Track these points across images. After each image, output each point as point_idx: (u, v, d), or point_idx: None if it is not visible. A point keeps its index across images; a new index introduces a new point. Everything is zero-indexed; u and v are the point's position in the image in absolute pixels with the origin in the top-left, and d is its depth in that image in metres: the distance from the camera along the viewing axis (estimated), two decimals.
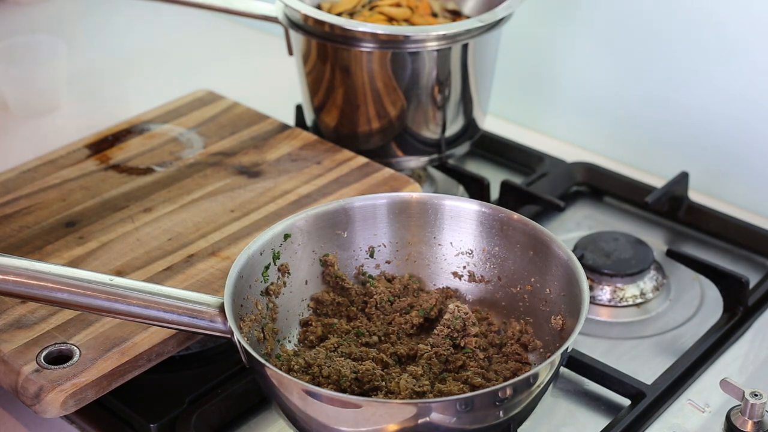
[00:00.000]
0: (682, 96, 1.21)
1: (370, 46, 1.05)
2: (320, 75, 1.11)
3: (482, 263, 0.91)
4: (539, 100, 1.35)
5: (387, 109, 1.10)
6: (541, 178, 1.19)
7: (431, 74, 1.08)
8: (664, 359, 0.96)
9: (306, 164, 1.09)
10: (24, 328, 0.86)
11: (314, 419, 0.75)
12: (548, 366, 0.75)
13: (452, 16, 1.16)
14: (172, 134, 1.15)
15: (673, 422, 0.88)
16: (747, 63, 1.15)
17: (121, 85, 1.45)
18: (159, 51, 1.55)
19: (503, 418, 0.75)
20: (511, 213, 0.89)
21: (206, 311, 0.78)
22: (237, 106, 1.21)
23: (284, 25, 1.12)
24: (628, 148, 1.27)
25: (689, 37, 1.18)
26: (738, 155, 1.19)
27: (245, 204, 1.03)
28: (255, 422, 0.89)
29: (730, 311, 1.00)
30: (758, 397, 0.83)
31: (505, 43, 1.15)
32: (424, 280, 0.92)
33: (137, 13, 1.62)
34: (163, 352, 0.85)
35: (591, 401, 0.92)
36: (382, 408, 0.72)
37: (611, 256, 1.05)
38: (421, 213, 0.92)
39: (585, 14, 1.26)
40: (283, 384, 0.74)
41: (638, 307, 1.03)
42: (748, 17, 1.13)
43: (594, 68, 1.28)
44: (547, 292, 0.86)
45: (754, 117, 1.17)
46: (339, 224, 0.91)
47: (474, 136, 1.18)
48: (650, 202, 1.11)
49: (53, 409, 0.80)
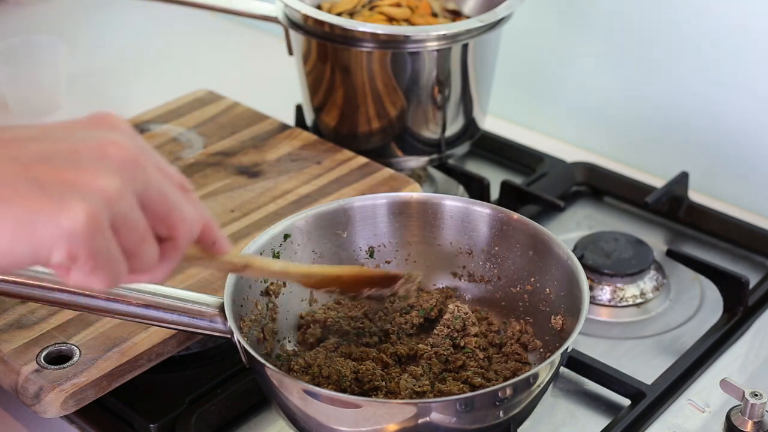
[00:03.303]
0: (682, 96, 1.21)
1: (370, 46, 1.05)
2: (320, 75, 1.11)
3: (482, 263, 0.91)
4: (539, 100, 1.35)
5: (387, 109, 1.10)
6: (541, 178, 1.19)
7: (431, 74, 1.08)
8: (664, 359, 0.96)
9: (306, 164, 1.09)
10: (24, 328, 0.86)
11: (314, 419, 0.75)
12: (548, 366, 0.75)
13: (452, 16, 1.16)
14: (172, 134, 1.15)
15: (673, 422, 0.88)
16: (747, 63, 1.15)
17: (121, 85, 1.45)
18: (159, 51, 1.55)
19: (503, 418, 0.75)
20: (511, 213, 0.89)
21: (206, 311, 0.78)
22: (237, 106, 1.21)
23: (284, 25, 1.12)
24: (628, 148, 1.27)
25: (689, 36, 1.18)
26: (738, 155, 1.19)
27: (245, 204, 1.03)
28: (255, 422, 0.89)
29: (730, 311, 1.00)
30: (758, 397, 0.83)
31: (505, 43, 1.15)
32: (423, 280, 0.92)
33: (137, 13, 1.62)
34: (163, 352, 0.85)
35: (591, 401, 0.92)
36: (382, 408, 0.72)
37: (611, 256, 1.05)
38: (421, 213, 0.92)
39: (585, 14, 1.26)
40: (283, 384, 0.74)
41: (638, 307, 1.03)
42: (748, 17, 1.13)
43: (594, 68, 1.28)
44: (547, 292, 0.86)
45: (754, 117, 1.17)
46: (339, 224, 0.91)
47: (474, 136, 1.18)
48: (650, 202, 1.11)
49: (53, 409, 0.80)
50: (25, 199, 0.53)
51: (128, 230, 0.56)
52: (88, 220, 0.53)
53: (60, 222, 0.53)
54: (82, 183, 0.54)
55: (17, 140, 0.56)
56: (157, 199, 0.58)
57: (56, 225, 0.53)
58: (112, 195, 0.54)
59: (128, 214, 0.56)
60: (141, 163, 0.57)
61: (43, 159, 0.55)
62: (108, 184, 0.55)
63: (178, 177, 0.61)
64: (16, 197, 0.53)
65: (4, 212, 0.53)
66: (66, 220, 0.53)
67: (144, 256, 0.58)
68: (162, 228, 0.59)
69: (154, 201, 0.58)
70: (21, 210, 0.53)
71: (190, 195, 0.61)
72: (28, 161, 0.54)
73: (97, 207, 0.54)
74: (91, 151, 0.56)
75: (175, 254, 0.60)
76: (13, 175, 0.54)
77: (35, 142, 0.55)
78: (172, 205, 0.59)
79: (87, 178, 0.54)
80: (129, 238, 0.56)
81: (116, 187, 0.55)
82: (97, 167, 0.55)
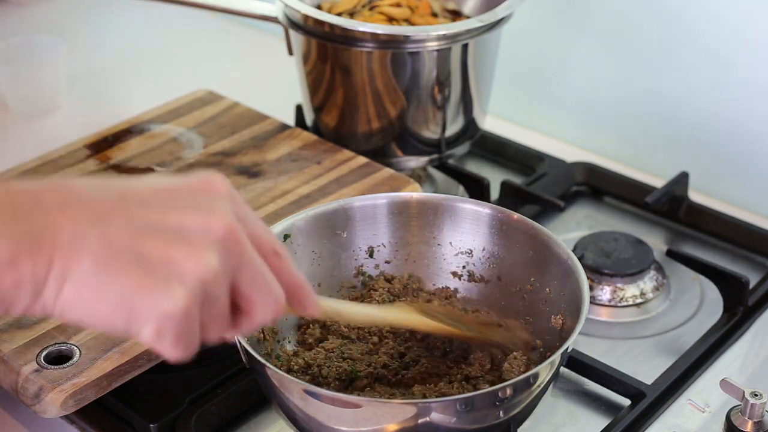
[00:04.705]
0: (682, 96, 1.21)
1: (370, 46, 1.05)
2: (320, 75, 1.11)
3: (482, 263, 0.91)
4: (539, 100, 1.35)
5: (387, 109, 1.10)
6: (541, 178, 1.19)
7: (431, 74, 1.08)
8: (664, 359, 0.96)
9: (306, 164, 1.09)
10: (24, 328, 0.86)
11: (314, 419, 0.75)
12: (548, 366, 0.75)
13: (452, 16, 1.16)
14: (172, 134, 1.15)
15: (673, 422, 0.88)
16: (747, 63, 1.15)
17: (121, 85, 1.45)
18: (159, 51, 1.55)
19: (503, 418, 0.75)
20: (511, 213, 0.89)
21: None
22: (237, 106, 1.21)
23: (284, 25, 1.12)
24: (628, 148, 1.27)
25: (689, 36, 1.18)
26: (738, 155, 1.19)
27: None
28: (255, 422, 0.89)
29: (730, 311, 1.00)
30: (758, 397, 0.83)
31: (505, 43, 1.15)
32: (423, 280, 0.92)
33: (137, 13, 1.62)
34: None
35: (591, 401, 0.92)
36: (383, 408, 0.72)
37: (611, 256, 1.05)
38: (421, 213, 0.92)
39: (585, 14, 1.26)
40: (284, 384, 0.74)
41: (638, 307, 1.03)
42: (749, 17, 1.13)
43: (594, 68, 1.28)
44: (547, 292, 0.86)
45: (754, 117, 1.17)
46: (339, 224, 0.91)
47: (474, 136, 1.18)
48: (650, 202, 1.11)
49: (53, 409, 0.80)
50: (131, 273, 0.55)
51: (210, 309, 0.58)
52: (186, 306, 0.55)
53: (160, 305, 0.55)
54: (186, 265, 0.55)
55: (127, 203, 0.57)
56: (245, 279, 0.59)
57: (156, 306, 0.55)
58: (209, 277, 0.56)
59: (215, 294, 0.57)
60: (240, 241, 0.59)
61: (151, 231, 0.56)
62: (209, 266, 0.56)
63: (271, 244, 0.63)
64: (123, 271, 0.55)
65: (110, 284, 0.55)
66: (166, 304, 0.55)
67: (215, 330, 0.59)
68: (241, 302, 0.60)
69: (242, 280, 0.59)
70: (126, 285, 0.55)
71: (281, 263, 0.63)
72: (137, 232, 0.55)
73: (196, 294, 0.56)
74: (197, 226, 0.57)
75: (247, 328, 0.62)
76: (123, 247, 0.55)
77: (144, 209, 0.57)
78: (257, 285, 0.60)
79: (192, 260, 0.56)
80: (209, 315, 0.58)
81: (215, 269, 0.56)
82: (201, 246, 0.56)
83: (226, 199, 0.60)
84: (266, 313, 0.61)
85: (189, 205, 0.58)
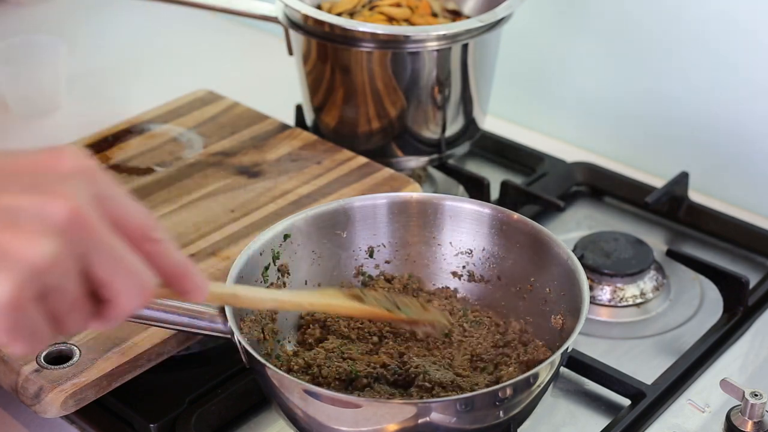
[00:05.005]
0: (682, 95, 1.21)
1: (370, 46, 1.05)
2: (320, 75, 1.11)
3: (482, 263, 0.91)
4: (539, 100, 1.35)
5: (387, 109, 1.10)
6: (541, 178, 1.19)
7: (431, 74, 1.08)
8: (664, 359, 0.96)
9: (306, 164, 1.09)
10: None
11: (314, 419, 0.75)
12: (548, 366, 0.75)
13: (452, 16, 1.16)
14: (172, 134, 1.15)
15: (673, 422, 0.88)
16: (747, 63, 1.15)
17: (121, 85, 1.45)
18: (159, 51, 1.55)
19: (503, 418, 0.75)
20: (511, 213, 0.89)
21: (206, 311, 0.78)
22: (237, 106, 1.21)
23: (284, 25, 1.12)
24: (628, 148, 1.27)
25: (689, 36, 1.18)
26: (738, 155, 1.19)
27: (245, 204, 1.03)
28: (255, 422, 0.89)
29: (730, 311, 1.00)
30: (758, 397, 0.83)
31: (505, 43, 1.15)
32: (423, 280, 0.92)
33: (137, 13, 1.62)
34: (163, 352, 0.85)
35: (591, 401, 0.92)
36: (383, 408, 0.72)
37: (611, 256, 1.05)
38: (421, 213, 0.92)
39: (585, 14, 1.26)
40: (284, 384, 0.74)
41: (638, 307, 1.03)
42: (749, 17, 1.13)
43: (594, 68, 1.28)
44: (547, 292, 0.86)
45: (754, 117, 1.17)
46: (339, 224, 0.91)
47: (474, 136, 1.18)
48: (650, 202, 1.11)
49: (53, 409, 0.80)
50: None
51: (56, 299, 0.53)
52: (14, 298, 0.51)
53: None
54: (13, 251, 0.51)
55: None
56: (100, 265, 0.54)
57: None
58: (43, 265, 0.51)
59: (59, 284, 0.53)
60: (88, 225, 0.53)
61: None
62: (41, 252, 0.51)
63: (142, 227, 0.57)
64: None
65: None
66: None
67: (70, 323, 0.55)
68: (102, 290, 0.55)
69: (97, 266, 0.54)
70: None
71: (155, 246, 0.58)
72: None
73: (23, 282, 0.51)
74: (32, 209, 0.52)
75: (114, 318, 0.57)
76: None
77: None
78: (115, 271, 0.55)
79: (20, 245, 0.51)
80: (56, 306, 0.53)
81: (50, 255, 0.51)
82: (33, 231, 0.51)
83: (79, 178, 0.54)
84: (131, 300, 0.56)
85: (27, 186, 0.53)
